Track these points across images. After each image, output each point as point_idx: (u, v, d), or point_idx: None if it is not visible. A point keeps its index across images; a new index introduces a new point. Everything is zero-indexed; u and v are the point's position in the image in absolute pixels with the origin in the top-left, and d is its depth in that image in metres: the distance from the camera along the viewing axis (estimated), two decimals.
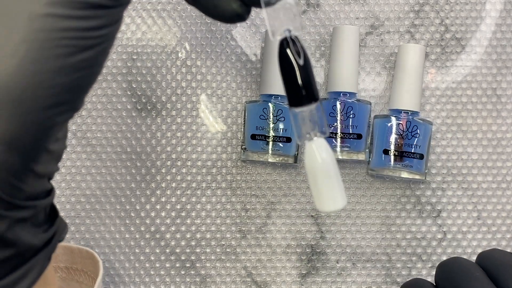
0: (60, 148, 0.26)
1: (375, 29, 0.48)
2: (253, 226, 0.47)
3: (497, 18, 0.48)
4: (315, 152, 0.28)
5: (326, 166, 0.28)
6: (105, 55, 0.24)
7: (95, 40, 0.23)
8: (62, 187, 0.47)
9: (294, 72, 0.28)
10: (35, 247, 0.26)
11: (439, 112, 0.47)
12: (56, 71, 0.22)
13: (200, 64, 0.48)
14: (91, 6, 0.22)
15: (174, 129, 0.48)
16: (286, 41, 0.28)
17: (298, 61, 0.28)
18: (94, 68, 0.24)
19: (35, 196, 0.25)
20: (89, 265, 0.41)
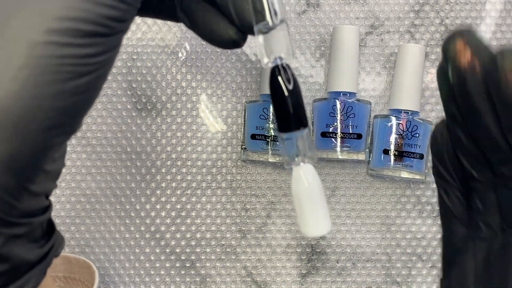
0: (57, 168, 0.27)
1: (375, 29, 0.48)
2: (253, 226, 0.47)
3: (497, 18, 0.48)
4: (302, 177, 0.29)
5: (312, 191, 0.29)
6: (102, 80, 0.25)
7: (92, 66, 0.24)
8: (62, 187, 0.47)
9: (284, 99, 0.28)
10: (30, 262, 0.27)
11: (439, 112, 0.47)
12: (55, 95, 0.23)
13: (200, 64, 0.48)
14: (89, 34, 0.23)
15: (174, 129, 0.48)
16: (277, 68, 0.29)
17: (288, 88, 0.28)
18: (91, 92, 0.25)
19: (30, 213, 0.26)
20: (86, 275, 0.42)
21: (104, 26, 0.24)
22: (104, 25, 0.24)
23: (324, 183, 0.47)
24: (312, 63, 0.48)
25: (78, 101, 0.24)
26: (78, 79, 0.23)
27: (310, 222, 0.29)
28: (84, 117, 0.26)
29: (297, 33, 0.47)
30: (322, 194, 0.29)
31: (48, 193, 0.27)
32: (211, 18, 0.29)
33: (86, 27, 0.23)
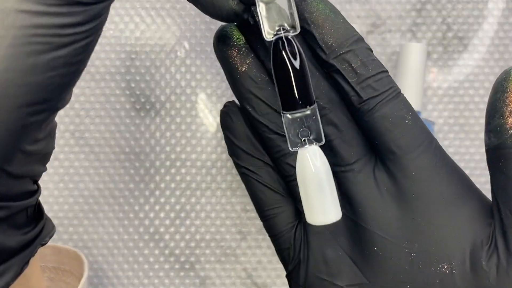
0: (43, 149, 0.25)
1: (376, 27, 0.47)
2: (253, 227, 0.47)
3: (499, 17, 0.47)
4: (308, 160, 0.27)
5: (319, 176, 0.27)
6: (85, 52, 0.23)
7: (71, 37, 0.22)
8: (60, 187, 0.47)
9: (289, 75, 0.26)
10: (11, 249, 0.25)
11: (441, 111, 0.47)
12: (28, 69, 0.21)
13: (199, 63, 0.47)
14: (67, 2, 0.21)
15: (173, 128, 0.47)
16: (281, 41, 0.26)
17: (293, 62, 0.26)
18: (72, 66, 0.23)
19: (10, 196, 0.24)
20: (76, 266, 0.41)
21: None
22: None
23: None
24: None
25: (56, 76, 0.22)
26: (54, 51, 0.22)
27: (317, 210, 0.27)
28: (68, 93, 0.24)
29: None
30: (330, 178, 0.27)
31: (35, 176, 0.26)
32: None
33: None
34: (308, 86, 0.27)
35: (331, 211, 0.27)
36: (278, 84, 0.27)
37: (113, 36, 0.47)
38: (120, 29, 0.47)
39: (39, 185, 0.27)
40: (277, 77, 0.27)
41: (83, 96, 0.47)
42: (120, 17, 0.47)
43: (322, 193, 0.27)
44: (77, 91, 0.47)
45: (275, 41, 0.27)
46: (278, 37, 0.26)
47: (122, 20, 0.47)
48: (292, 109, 0.27)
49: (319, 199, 0.27)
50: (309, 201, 0.27)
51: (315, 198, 0.27)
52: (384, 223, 0.27)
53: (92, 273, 0.47)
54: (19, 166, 0.24)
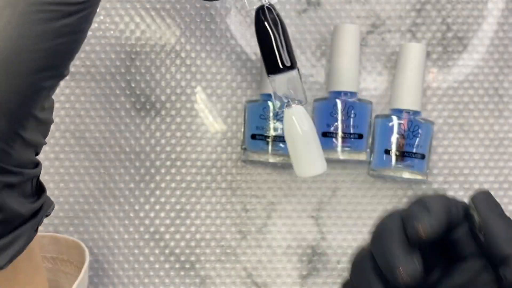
0: (46, 119, 0.27)
1: (376, 28, 0.47)
2: (253, 227, 0.47)
3: (499, 17, 0.47)
4: (294, 120, 0.29)
5: (305, 133, 0.29)
6: (88, 21, 0.25)
7: (76, 6, 0.24)
8: (61, 187, 0.47)
9: (270, 40, 0.28)
10: (22, 216, 0.27)
11: (440, 111, 0.47)
12: (40, 35, 0.23)
13: (199, 63, 0.48)
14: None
15: (173, 128, 0.47)
16: (262, 9, 0.29)
17: (273, 29, 0.28)
18: (77, 34, 0.25)
19: (22, 164, 0.26)
20: (75, 255, 0.41)
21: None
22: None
23: (325, 183, 0.47)
24: (312, 62, 0.47)
25: (64, 43, 0.24)
26: (62, 19, 0.23)
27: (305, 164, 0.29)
28: (71, 61, 0.26)
29: (298, 32, 0.47)
30: (315, 135, 0.30)
31: (38, 148, 0.27)
32: None
33: None
34: (290, 50, 0.29)
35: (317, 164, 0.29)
36: (262, 50, 0.29)
37: (114, 36, 0.47)
38: (120, 30, 0.47)
39: (39, 160, 0.28)
40: (261, 43, 0.29)
41: (84, 96, 0.47)
42: (120, 17, 0.47)
43: (308, 149, 0.29)
44: (77, 91, 0.47)
45: (257, 9, 0.28)
46: (260, 5, 0.28)
47: (123, 21, 0.47)
48: (276, 72, 0.29)
49: (306, 154, 0.29)
50: (297, 156, 0.30)
51: (302, 153, 0.29)
52: None
53: (92, 272, 0.47)
54: (30, 133, 0.26)
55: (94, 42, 0.47)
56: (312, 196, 0.47)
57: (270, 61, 0.29)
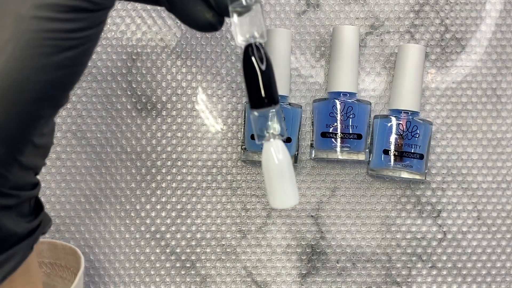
0: (46, 143, 0.28)
1: (375, 29, 0.48)
2: (253, 226, 0.47)
3: (497, 18, 0.48)
4: (272, 152, 0.31)
5: (281, 167, 0.30)
6: (87, 55, 0.26)
7: (77, 41, 0.25)
8: (62, 187, 0.47)
9: (256, 77, 0.30)
10: (18, 236, 0.27)
11: (439, 112, 0.47)
12: (40, 68, 0.24)
13: (200, 64, 0.48)
14: (75, 9, 0.24)
15: (175, 129, 0.48)
16: (250, 47, 0.30)
17: (260, 66, 0.30)
18: (76, 67, 0.26)
19: (20, 186, 0.27)
20: (72, 261, 0.42)
21: (89, 2, 0.25)
22: (89, 1, 0.25)
23: (324, 183, 0.47)
24: (312, 63, 0.48)
25: (64, 75, 0.25)
26: (63, 53, 0.24)
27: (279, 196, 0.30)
28: (70, 91, 0.26)
29: (297, 33, 0.47)
30: (291, 169, 0.31)
31: (37, 169, 0.28)
32: (190, 2, 0.31)
33: (71, 2, 0.24)
34: (274, 87, 0.30)
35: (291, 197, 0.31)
36: (247, 85, 0.30)
37: (115, 38, 0.48)
38: (121, 31, 0.48)
39: (39, 180, 0.29)
40: (246, 79, 0.30)
41: (85, 97, 0.47)
42: (121, 19, 0.48)
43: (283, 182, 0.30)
44: (79, 91, 0.47)
45: (245, 47, 0.30)
46: (248, 43, 0.30)
47: (124, 22, 0.48)
48: (259, 107, 0.30)
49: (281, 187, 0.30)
50: (272, 189, 0.31)
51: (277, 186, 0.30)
52: None
53: (94, 272, 0.47)
54: (28, 158, 0.26)
55: None
56: (312, 196, 0.47)
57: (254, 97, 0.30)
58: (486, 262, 0.47)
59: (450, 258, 0.47)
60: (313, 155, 0.45)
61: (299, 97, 0.47)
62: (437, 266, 0.47)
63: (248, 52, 0.30)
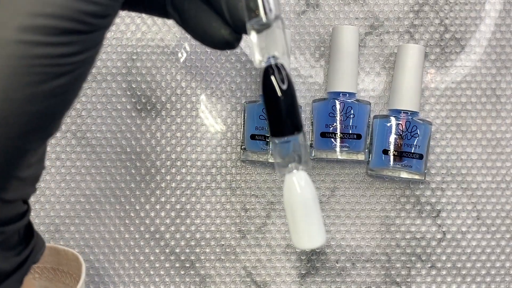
0: (34, 173, 0.25)
1: (374, 29, 0.48)
2: (252, 226, 0.47)
3: (496, 18, 0.48)
4: (296, 185, 0.27)
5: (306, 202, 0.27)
6: (81, 80, 0.23)
7: (70, 66, 0.22)
8: (62, 187, 0.47)
9: (278, 101, 0.26)
10: (6, 272, 0.25)
11: (438, 112, 0.47)
12: (27, 99, 0.21)
13: (199, 65, 0.48)
14: (65, 32, 0.21)
15: (174, 129, 0.48)
16: (271, 68, 0.26)
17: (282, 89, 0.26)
18: (69, 94, 0.23)
19: (4, 222, 0.24)
20: (74, 268, 0.41)
21: (82, 23, 0.21)
22: (82, 22, 0.21)
23: (324, 183, 0.47)
24: (311, 63, 0.48)
25: (54, 104, 0.22)
26: (53, 80, 0.21)
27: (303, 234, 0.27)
28: (60, 121, 0.23)
29: (297, 33, 0.47)
30: (317, 204, 0.27)
31: (26, 198, 0.25)
32: (204, 18, 0.27)
33: (63, 24, 0.21)
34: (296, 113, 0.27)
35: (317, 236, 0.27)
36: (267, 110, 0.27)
37: (115, 37, 0.48)
38: (121, 30, 0.48)
39: (29, 204, 0.26)
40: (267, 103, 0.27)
41: (85, 97, 0.47)
42: (121, 18, 0.48)
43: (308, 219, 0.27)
44: None
45: (265, 68, 0.27)
46: (268, 64, 0.27)
47: (124, 21, 0.48)
48: (281, 135, 0.27)
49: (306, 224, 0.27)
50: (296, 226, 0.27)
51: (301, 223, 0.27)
52: None
53: (93, 272, 0.47)
54: (14, 193, 0.23)
55: None
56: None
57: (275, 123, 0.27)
58: (485, 262, 0.47)
59: (449, 258, 0.47)
60: (313, 155, 0.45)
61: (298, 97, 0.47)
62: (437, 266, 0.47)
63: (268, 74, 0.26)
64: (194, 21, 0.27)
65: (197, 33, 0.28)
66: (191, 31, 0.28)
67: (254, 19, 0.26)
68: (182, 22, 0.28)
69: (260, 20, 0.26)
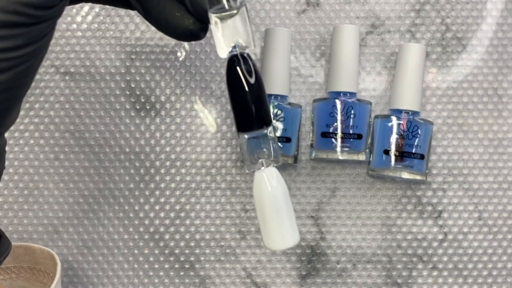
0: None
1: (375, 28, 0.47)
2: (252, 227, 0.47)
3: (498, 18, 0.47)
4: (266, 182, 0.26)
5: (276, 199, 0.26)
6: (29, 74, 0.22)
7: (11, 61, 0.20)
8: (61, 187, 0.47)
9: (244, 94, 0.25)
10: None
11: (440, 112, 0.47)
12: None
13: (199, 64, 0.48)
14: (5, 25, 0.20)
15: (173, 129, 0.47)
16: (236, 58, 0.25)
17: (249, 81, 0.25)
18: (13, 91, 0.21)
19: None
20: (51, 267, 0.41)
21: (23, 15, 0.20)
22: (24, 14, 0.20)
23: (324, 183, 0.47)
24: (312, 63, 0.47)
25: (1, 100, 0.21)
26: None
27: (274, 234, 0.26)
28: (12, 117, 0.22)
29: (297, 32, 0.47)
30: (288, 202, 0.26)
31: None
32: (167, 7, 0.26)
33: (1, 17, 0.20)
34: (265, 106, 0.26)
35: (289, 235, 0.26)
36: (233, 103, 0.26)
37: (113, 37, 0.47)
38: (120, 30, 0.47)
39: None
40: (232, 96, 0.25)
41: (83, 97, 0.47)
42: (120, 18, 0.47)
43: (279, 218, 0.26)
44: (77, 91, 0.47)
45: (229, 58, 0.25)
46: (233, 54, 0.25)
47: (122, 21, 0.47)
48: (249, 130, 0.26)
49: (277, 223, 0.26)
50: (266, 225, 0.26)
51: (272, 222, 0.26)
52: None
53: (92, 272, 0.47)
54: None
55: (93, 42, 0.47)
56: (312, 196, 0.47)
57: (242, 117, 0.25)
58: (487, 263, 0.47)
59: (451, 259, 0.47)
60: (313, 155, 0.45)
61: (299, 96, 0.47)
62: (438, 267, 0.47)
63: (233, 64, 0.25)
64: (156, 10, 0.26)
65: (160, 23, 0.27)
66: (154, 21, 0.27)
67: (215, 6, 0.25)
68: (144, 12, 0.27)
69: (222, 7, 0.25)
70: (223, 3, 0.24)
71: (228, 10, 0.25)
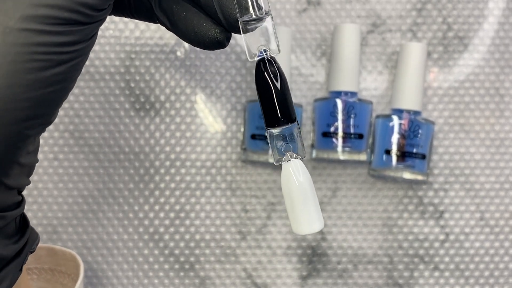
0: (31, 162, 0.27)
1: (376, 27, 0.47)
2: (253, 227, 0.47)
3: (500, 17, 0.47)
4: (292, 174, 0.30)
5: (303, 188, 0.29)
6: (78, 70, 0.25)
7: (69, 55, 0.23)
8: (60, 187, 0.47)
9: (271, 93, 0.29)
10: (6, 259, 0.26)
11: (441, 111, 0.47)
12: (29, 85, 0.22)
13: (199, 63, 0.47)
14: (66, 22, 0.23)
15: (173, 129, 0.47)
16: (263, 61, 0.29)
17: (275, 82, 0.29)
18: (67, 82, 0.24)
19: (4, 208, 0.25)
20: (72, 268, 0.41)
21: (81, 14, 0.23)
22: (81, 13, 0.23)
23: (325, 183, 0.47)
24: (313, 62, 0.47)
25: (54, 91, 0.24)
26: (54, 68, 0.23)
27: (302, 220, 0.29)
28: (59, 108, 0.25)
29: (298, 31, 0.47)
30: (313, 190, 0.29)
31: (21, 188, 0.27)
32: (194, 19, 0.28)
33: (63, 14, 0.22)
34: (289, 104, 0.29)
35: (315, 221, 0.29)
36: (261, 102, 0.29)
37: (113, 36, 0.47)
38: (119, 29, 0.47)
39: (23, 196, 0.28)
40: (261, 96, 0.29)
41: (83, 96, 0.47)
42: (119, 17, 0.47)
43: (306, 205, 0.29)
44: (76, 91, 0.47)
45: (257, 62, 0.29)
46: (261, 58, 0.29)
47: (122, 20, 0.47)
48: (275, 126, 0.29)
49: (304, 211, 0.29)
50: (294, 212, 0.29)
51: (299, 210, 0.29)
52: None
53: (91, 273, 0.47)
54: (14, 179, 0.25)
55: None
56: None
57: (269, 115, 0.29)
58: (489, 264, 0.47)
59: (452, 259, 0.47)
60: (314, 155, 0.45)
61: (299, 96, 0.47)
62: (440, 267, 0.47)
63: (260, 67, 0.29)
64: (184, 22, 0.29)
65: (187, 34, 0.29)
66: (181, 33, 0.29)
67: (245, 15, 0.28)
68: (171, 24, 0.29)
69: (250, 16, 0.28)
70: (251, 12, 0.28)
71: (256, 18, 0.28)
